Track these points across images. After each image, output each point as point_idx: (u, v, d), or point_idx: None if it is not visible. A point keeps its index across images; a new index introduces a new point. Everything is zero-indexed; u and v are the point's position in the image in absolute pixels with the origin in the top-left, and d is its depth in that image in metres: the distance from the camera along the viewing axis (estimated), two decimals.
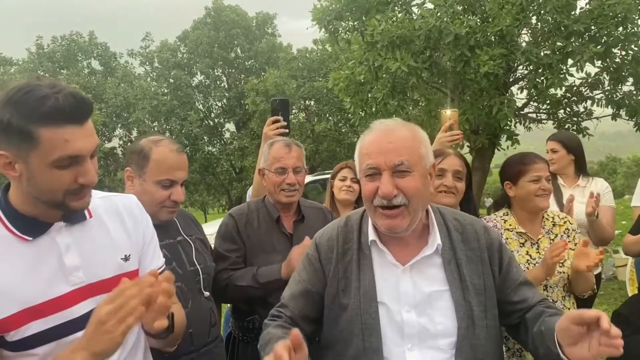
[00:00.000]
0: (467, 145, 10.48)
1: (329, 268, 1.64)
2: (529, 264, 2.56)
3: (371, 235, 1.61)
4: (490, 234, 1.68)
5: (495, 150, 11.09)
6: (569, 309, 2.58)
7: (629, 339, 1.36)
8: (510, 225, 2.63)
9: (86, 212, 1.43)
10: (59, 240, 1.36)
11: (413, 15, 9.63)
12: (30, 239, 1.33)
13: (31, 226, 1.33)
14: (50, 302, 1.32)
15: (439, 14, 8.69)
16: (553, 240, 2.58)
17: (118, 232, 1.49)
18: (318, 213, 2.73)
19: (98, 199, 1.50)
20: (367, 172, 1.55)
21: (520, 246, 2.59)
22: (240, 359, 2.57)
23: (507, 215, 2.67)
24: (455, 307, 1.53)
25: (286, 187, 2.51)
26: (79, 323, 1.33)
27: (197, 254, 2.24)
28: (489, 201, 23.01)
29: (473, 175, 3.52)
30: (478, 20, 9.12)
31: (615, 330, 1.25)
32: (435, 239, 1.59)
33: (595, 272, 2.63)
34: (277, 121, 2.80)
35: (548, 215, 2.66)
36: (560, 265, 2.50)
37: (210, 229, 10.81)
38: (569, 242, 2.55)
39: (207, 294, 2.23)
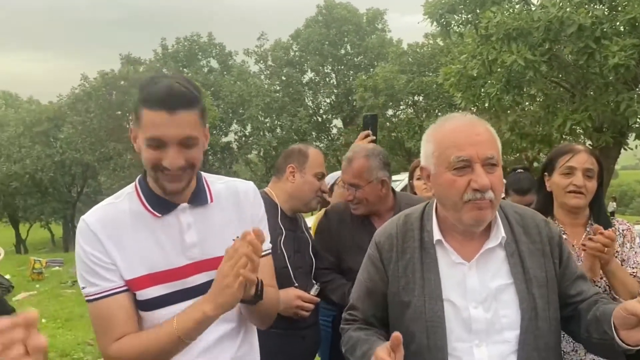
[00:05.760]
0: (589, 144, 9.84)
1: (390, 267, 1.64)
2: None
3: (436, 235, 1.59)
4: (551, 228, 1.66)
5: (622, 149, 10.36)
6: None
7: None
8: None
9: (208, 196, 1.62)
10: (182, 219, 1.56)
11: (531, 6, 9.23)
12: (160, 215, 1.55)
13: (162, 205, 1.55)
14: (169, 272, 1.53)
15: (561, 3, 8.25)
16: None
17: (233, 215, 1.65)
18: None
19: (220, 184, 1.69)
20: (456, 165, 1.46)
21: None
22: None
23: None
24: (519, 299, 1.53)
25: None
26: (192, 292, 1.53)
27: (311, 248, 2.65)
28: (612, 205, 21.35)
29: None
30: (606, 9, 8.52)
31: None
32: (499, 231, 1.57)
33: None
34: (368, 135, 2.90)
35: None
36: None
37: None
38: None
39: (314, 282, 2.62)
